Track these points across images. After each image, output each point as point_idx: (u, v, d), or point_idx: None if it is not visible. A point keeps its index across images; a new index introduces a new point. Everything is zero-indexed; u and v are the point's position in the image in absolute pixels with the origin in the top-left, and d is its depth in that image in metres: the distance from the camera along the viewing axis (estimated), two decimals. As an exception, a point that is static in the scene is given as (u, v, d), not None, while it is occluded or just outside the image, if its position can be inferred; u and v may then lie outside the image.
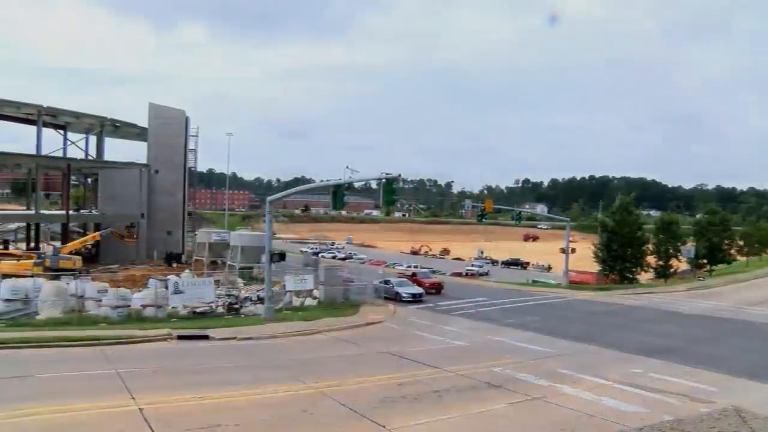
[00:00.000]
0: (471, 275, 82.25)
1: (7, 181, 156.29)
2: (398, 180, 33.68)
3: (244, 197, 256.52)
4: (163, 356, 23.58)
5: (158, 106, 75.62)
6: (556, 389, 18.83)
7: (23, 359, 21.83)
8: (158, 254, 69.42)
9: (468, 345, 27.31)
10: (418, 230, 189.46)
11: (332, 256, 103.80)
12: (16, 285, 32.85)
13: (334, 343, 27.75)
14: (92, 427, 13.98)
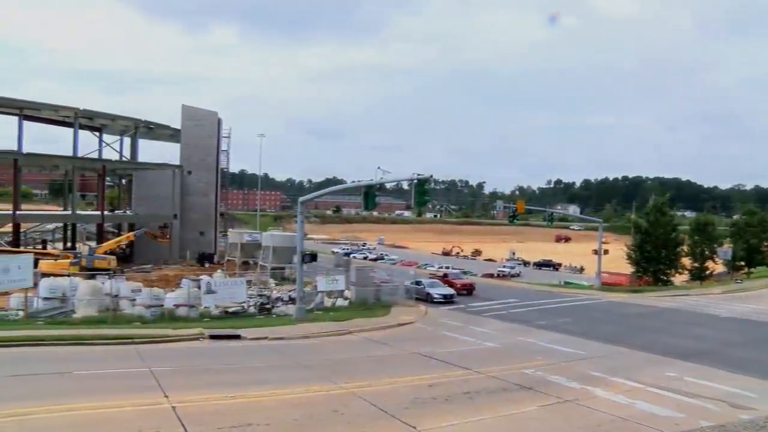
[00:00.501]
0: (502, 276, 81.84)
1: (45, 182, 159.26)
2: (430, 180, 33.61)
3: (276, 198, 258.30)
4: (195, 355, 23.81)
5: (191, 108, 76.42)
6: (588, 392, 18.61)
7: (61, 356, 22.18)
8: (191, 254, 70.15)
9: (499, 346, 27.14)
10: (450, 231, 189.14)
11: (363, 256, 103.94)
12: (53, 284, 33.48)
13: (365, 343, 27.76)
14: (127, 423, 14.15)
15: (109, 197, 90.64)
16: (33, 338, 24.50)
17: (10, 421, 14.09)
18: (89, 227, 79.98)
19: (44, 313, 31.26)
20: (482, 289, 51.35)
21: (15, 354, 22.28)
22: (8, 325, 28.02)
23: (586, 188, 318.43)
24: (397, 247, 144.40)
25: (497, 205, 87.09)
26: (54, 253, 59.72)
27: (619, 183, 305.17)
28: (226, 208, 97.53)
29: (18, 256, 34.74)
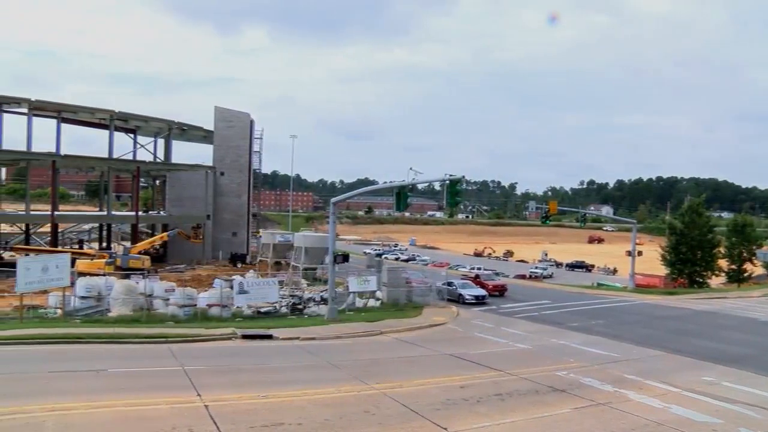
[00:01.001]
0: (535, 278, 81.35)
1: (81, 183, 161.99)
2: (462, 181, 33.54)
3: (308, 199, 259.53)
4: (227, 355, 24.00)
5: (223, 110, 77.20)
6: (622, 395, 18.36)
7: (97, 354, 22.53)
8: (223, 255, 70.89)
9: (531, 348, 26.95)
10: (482, 232, 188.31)
11: (395, 257, 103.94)
12: (90, 283, 34.02)
13: (396, 344, 27.76)
14: (161, 421, 14.33)
15: (143, 198, 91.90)
16: (70, 336, 24.98)
17: (51, 415, 14.49)
18: (124, 227, 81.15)
19: (81, 311, 31.79)
20: (514, 290, 51.08)
21: (54, 351, 22.74)
22: (47, 323, 28.61)
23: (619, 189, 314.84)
24: (429, 248, 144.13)
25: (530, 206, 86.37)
26: (90, 253, 60.75)
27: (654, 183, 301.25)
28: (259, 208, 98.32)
29: (56, 256, 35.38)
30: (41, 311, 32.26)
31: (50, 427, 13.71)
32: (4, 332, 25.13)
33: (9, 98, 64.99)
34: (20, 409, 14.74)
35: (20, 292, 29.71)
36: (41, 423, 13.96)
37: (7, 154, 66.51)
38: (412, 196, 35.10)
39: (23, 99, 63.99)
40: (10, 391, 16.74)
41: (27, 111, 64.63)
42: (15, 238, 74.97)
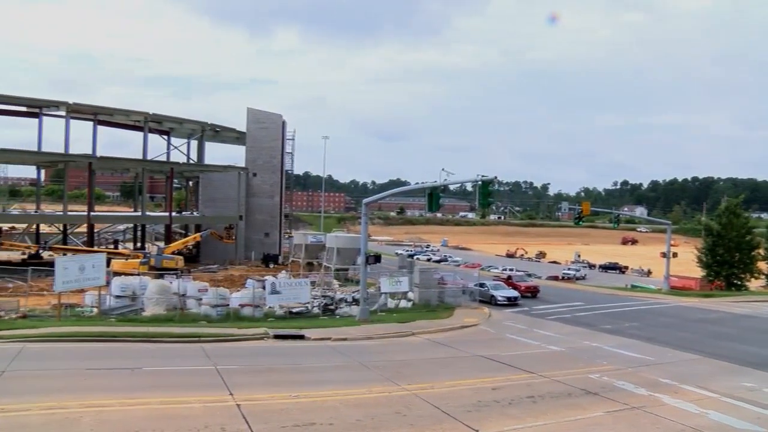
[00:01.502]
0: (567, 279, 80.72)
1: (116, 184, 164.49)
2: (494, 182, 33.35)
3: (340, 199, 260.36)
4: (260, 354, 24.18)
5: (256, 111, 77.77)
6: (657, 399, 18.10)
7: (132, 352, 22.86)
8: (256, 255, 71.38)
9: (563, 350, 26.71)
10: (514, 233, 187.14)
11: (427, 258, 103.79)
12: (124, 282, 34.54)
13: (428, 345, 27.72)
14: (194, 419, 14.49)
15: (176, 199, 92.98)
16: (106, 334, 25.37)
17: (87, 411, 14.82)
18: (158, 228, 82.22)
19: (116, 310, 32.26)
20: (546, 291, 50.73)
21: (90, 349, 23.14)
22: (84, 322, 29.13)
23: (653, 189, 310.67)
24: (460, 248, 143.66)
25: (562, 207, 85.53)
26: (125, 253, 61.61)
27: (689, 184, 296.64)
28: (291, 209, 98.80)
29: (92, 256, 35.96)
30: (78, 310, 32.82)
31: (87, 423, 13.98)
32: (44, 330, 25.70)
33: (48, 101, 66.24)
34: (58, 405, 15.11)
35: (58, 291, 30.32)
36: (78, 418, 14.27)
37: (46, 156, 67.82)
38: (444, 196, 35.01)
39: (61, 102, 65.16)
40: (48, 386, 17.13)
41: (65, 114, 65.78)
42: (53, 238, 76.36)
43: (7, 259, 57.28)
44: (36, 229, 73.70)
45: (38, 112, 67.68)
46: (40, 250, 63.72)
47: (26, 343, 23.12)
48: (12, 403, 15.15)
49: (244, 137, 77.94)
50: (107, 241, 79.44)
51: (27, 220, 71.58)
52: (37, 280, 38.32)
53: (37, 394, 16.20)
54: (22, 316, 29.91)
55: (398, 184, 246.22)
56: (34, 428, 13.72)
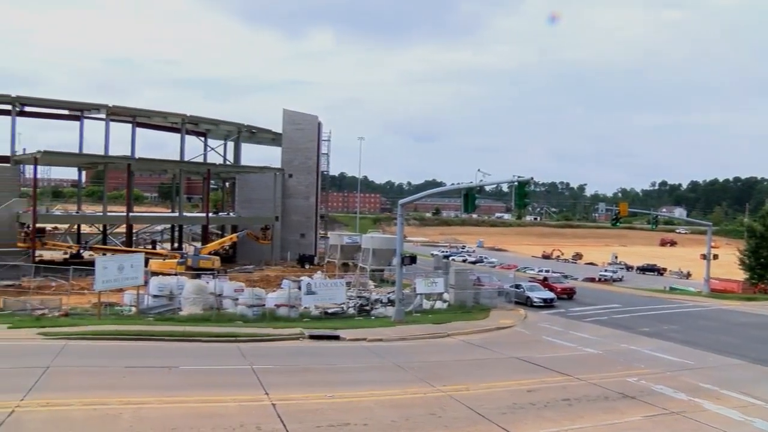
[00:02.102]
0: (604, 281, 79.74)
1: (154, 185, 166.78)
2: (530, 183, 33.15)
3: (375, 200, 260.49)
4: (295, 354, 24.32)
5: (291, 112, 78.22)
6: (697, 405, 17.75)
7: (169, 351, 23.20)
8: (291, 256, 71.72)
9: (600, 353, 26.42)
10: (550, 234, 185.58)
11: (463, 259, 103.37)
12: (162, 282, 35.06)
13: (463, 346, 27.64)
14: (230, 418, 14.65)
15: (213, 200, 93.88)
16: (144, 333, 25.77)
17: (126, 408, 15.12)
18: (195, 228, 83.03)
19: (154, 309, 32.78)
20: (583, 293, 50.26)
21: (129, 347, 23.54)
22: (123, 320, 29.65)
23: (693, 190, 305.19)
24: (496, 249, 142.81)
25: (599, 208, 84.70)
26: (163, 253, 62.43)
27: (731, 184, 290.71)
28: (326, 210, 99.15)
29: (131, 256, 36.55)
30: (117, 308, 33.42)
31: (126, 420, 14.24)
32: (85, 327, 26.24)
33: (89, 105, 67.51)
34: (99, 401, 15.45)
35: (98, 290, 30.87)
36: (118, 415, 14.55)
37: (87, 158, 69.06)
38: (480, 197, 34.81)
39: (102, 105, 66.31)
40: (89, 383, 17.50)
41: (105, 116, 66.91)
42: (93, 238, 77.66)
43: (50, 258, 58.42)
44: (77, 229, 75.08)
45: (79, 115, 69.05)
46: (81, 249, 64.82)
47: (68, 341, 23.60)
48: (56, 398, 15.57)
49: (280, 138, 78.41)
50: (145, 242, 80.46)
51: (69, 221, 72.91)
52: (78, 279, 39.09)
53: (79, 389, 16.57)
54: (64, 314, 30.54)
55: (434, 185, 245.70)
56: (76, 423, 14.04)
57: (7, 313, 30.47)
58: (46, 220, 62.45)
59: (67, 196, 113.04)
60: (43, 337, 24.19)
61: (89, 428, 13.77)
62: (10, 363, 19.67)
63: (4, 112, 64.13)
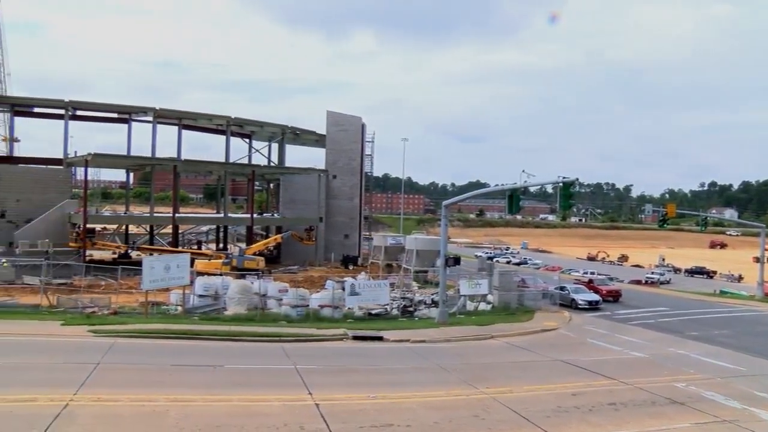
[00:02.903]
0: (651, 283, 78.28)
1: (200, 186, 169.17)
2: (575, 184, 32.79)
3: (419, 201, 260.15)
4: (338, 355, 24.41)
5: (335, 114, 78.54)
6: (752, 414, 17.21)
7: (214, 350, 23.51)
8: (335, 257, 72.02)
9: (647, 357, 25.98)
10: (595, 235, 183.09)
11: (507, 260, 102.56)
12: (207, 282, 35.52)
13: (507, 348, 27.45)
14: (274, 417, 14.78)
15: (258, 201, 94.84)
16: (190, 332, 26.13)
17: (173, 405, 15.41)
18: (240, 229, 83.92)
19: (199, 309, 33.22)
20: (629, 295, 49.46)
21: (175, 345, 23.91)
22: (169, 319, 30.09)
23: (744, 191, 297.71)
24: (540, 251, 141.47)
25: (646, 209, 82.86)
26: (208, 254, 63.23)
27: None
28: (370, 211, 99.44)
29: (177, 256, 37.13)
30: (164, 308, 34.00)
31: (172, 417, 14.50)
32: (132, 326, 26.71)
33: (136, 108, 68.77)
34: (147, 398, 15.75)
35: (145, 289, 31.45)
36: (164, 412, 14.83)
37: (135, 160, 70.43)
38: (525, 198, 34.62)
39: (149, 108, 67.47)
40: (137, 380, 17.87)
41: (152, 119, 68.04)
42: (141, 239, 79.10)
43: (99, 258, 59.69)
44: (125, 229, 76.59)
45: (128, 118, 70.36)
46: (129, 249, 66.09)
47: (117, 338, 24.08)
48: (106, 393, 15.97)
49: (324, 140, 78.80)
50: (191, 242, 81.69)
51: (117, 221, 74.37)
52: (126, 278, 39.83)
53: (128, 386, 16.94)
54: (113, 312, 31.16)
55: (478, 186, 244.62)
56: (125, 418, 14.36)
57: (60, 310, 31.24)
58: (96, 221, 63.79)
59: (116, 198, 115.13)
60: (93, 335, 24.75)
61: (137, 424, 14.05)
62: (64, 358, 20.21)
63: (58, 116, 65.81)
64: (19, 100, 68.06)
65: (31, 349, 21.72)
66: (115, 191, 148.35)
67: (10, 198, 57.71)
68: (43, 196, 57.93)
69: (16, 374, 17.44)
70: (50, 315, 29.59)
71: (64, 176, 62.43)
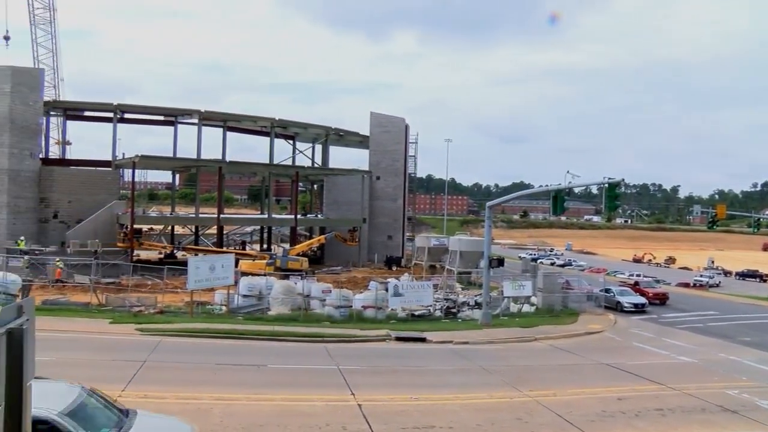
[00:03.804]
0: (700, 286, 76.72)
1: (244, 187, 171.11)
2: (621, 185, 32.35)
3: (463, 202, 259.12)
4: (381, 356, 24.45)
5: (379, 115, 78.63)
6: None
7: (258, 350, 23.77)
8: (379, 257, 72.03)
9: (696, 362, 25.40)
10: (641, 237, 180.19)
11: (551, 262, 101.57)
12: (252, 282, 35.87)
13: (550, 351, 27.17)
14: (317, 417, 14.86)
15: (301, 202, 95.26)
16: (234, 332, 26.47)
17: (217, 403, 15.67)
18: (283, 230, 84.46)
19: (243, 309, 33.57)
20: (676, 299, 48.47)
21: (219, 345, 24.24)
22: (214, 319, 30.52)
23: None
24: (585, 253, 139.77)
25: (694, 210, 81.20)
26: (252, 254, 63.80)
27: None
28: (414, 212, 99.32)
29: (222, 256, 37.60)
30: (208, 307, 34.42)
31: (217, 414, 14.69)
32: (178, 325, 27.20)
33: (182, 110, 69.82)
34: (192, 396, 16.01)
35: (191, 289, 31.89)
36: (209, 410, 15.05)
37: (181, 162, 71.51)
38: (569, 199, 34.17)
39: (194, 110, 68.41)
40: (182, 378, 18.19)
41: (197, 121, 68.94)
42: (186, 239, 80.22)
43: (146, 258, 60.71)
44: (171, 230, 77.78)
45: (173, 121, 71.52)
46: (175, 250, 67.05)
47: (163, 337, 24.52)
48: (152, 390, 16.31)
49: (368, 141, 78.87)
50: (235, 243, 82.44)
51: (163, 222, 75.51)
52: (171, 278, 40.42)
53: (173, 384, 17.24)
54: (159, 311, 31.68)
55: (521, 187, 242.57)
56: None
57: (108, 309, 31.91)
58: (143, 222, 64.81)
59: (162, 199, 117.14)
60: (140, 333, 25.27)
61: (182, 422, 14.23)
62: (112, 356, 20.71)
63: (107, 119, 67.22)
64: (71, 104, 69.68)
65: (82, 345, 22.28)
66: (161, 192, 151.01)
67: (63, 199, 59.16)
68: (93, 197, 59.21)
69: (68, 369, 17.74)
70: (99, 313, 30.29)
71: (113, 178, 63.64)
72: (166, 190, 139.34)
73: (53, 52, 70.44)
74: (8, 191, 55.67)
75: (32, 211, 57.80)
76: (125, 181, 72.95)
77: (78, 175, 61.94)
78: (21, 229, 55.42)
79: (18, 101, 56.60)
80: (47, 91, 64.63)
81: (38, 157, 60.07)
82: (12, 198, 55.97)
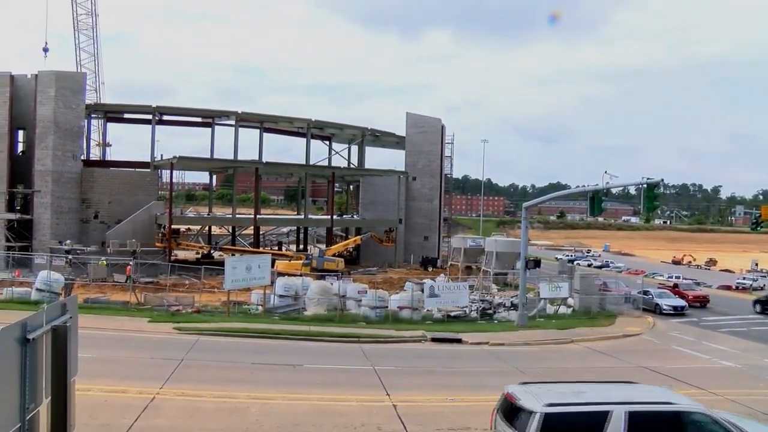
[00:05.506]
0: (743, 289, 75.22)
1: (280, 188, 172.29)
2: (660, 185, 31.88)
3: (499, 203, 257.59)
4: (416, 356, 24.40)
5: (415, 116, 78.55)
6: None
7: (293, 349, 23.89)
8: (414, 258, 72.00)
9: (738, 367, 24.84)
10: (681, 238, 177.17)
11: (588, 263, 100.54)
12: (288, 282, 36.12)
13: (587, 353, 26.86)
14: (352, 417, 14.88)
15: (338, 202, 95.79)
16: (270, 331, 26.63)
17: (254, 402, 15.77)
18: (320, 230, 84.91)
19: (279, 309, 33.80)
20: (718, 302, 47.61)
21: (255, 344, 24.40)
22: (250, 319, 30.77)
23: None
24: (623, 254, 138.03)
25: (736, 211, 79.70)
26: (288, 254, 64.33)
27: None
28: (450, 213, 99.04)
29: (258, 256, 37.91)
30: (245, 307, 34.77)
31: (253, 413, 14.80)
32: (215, 324, 27.45)
33: (219, 112, 70.65)
34: (229, 395, 16.16)
35: (227, 289, 32.20)
36: (245, 408, 15.20)
37: (218, 163, 72.41)
38: (607, 200, 33.63)
39: (231, 112, 69.16)
40: (219, 376, 18.36)
41: (234, 123, 69.71)
42: (223, 239, 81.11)
43: (184, 258, 61.50)
44: (208, 230, 78.73)
45: (211, 122, 72.41)
46: (212, 250, 67.85)
47: (200, 336, 24.80)
48: (190, 388, 16.52)
49: (404, 142, 78.88)
50: (272, 243, 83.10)
51: (200, 222, 76.50)
52: (209, 278, 40.88)
53: (210, 382, 17.40)
54: (197, 311, 32.04)
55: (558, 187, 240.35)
56: (207, 413, 14.74)
57: (147, 308, 32.41)
58: (181, 222, 65.74)
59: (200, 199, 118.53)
60: (178, 332, 25.58)
61: (219, 419, 14.38)
62: (151, 354, 21.01)
63: (146, 122, 68.33)
64: (111, 107, 70.96)
65: (121, 343, 22.68)
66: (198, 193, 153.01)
67: (104, 200, 60.27)
68: (132, 197, 60.22)
69: (109, 366, 18.13)
70: (138, 312, 30.78)
71: (152, 179, 64.57)
72: (203, 191, 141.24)
73: (95, 57, 71.78)
74: (52, 192, 56.96)
75: (74, 212, 59.04)
76: (163, 182, 74.03)
77: (118, 176, 63.02)
78: (63, 229, 56.72)
79: (62, 104, 57.86)
80: (89, 94, 65.90)
81: (80, 158, 61.31)
82: (55, 199, 57.25)
